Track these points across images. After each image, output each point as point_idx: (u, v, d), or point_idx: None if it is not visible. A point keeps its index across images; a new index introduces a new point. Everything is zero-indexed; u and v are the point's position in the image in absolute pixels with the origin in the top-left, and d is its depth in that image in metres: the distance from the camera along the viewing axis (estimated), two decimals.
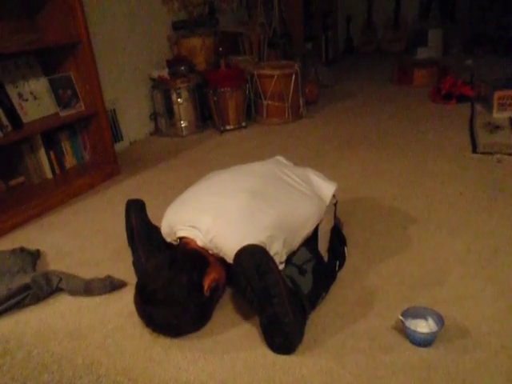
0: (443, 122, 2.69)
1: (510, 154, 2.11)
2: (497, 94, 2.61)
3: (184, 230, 1.25)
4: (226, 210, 1.23)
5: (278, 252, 1.18)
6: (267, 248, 1.14)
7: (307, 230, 1.29)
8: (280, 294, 1.05)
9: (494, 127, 2.46)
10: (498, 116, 2.61)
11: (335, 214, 1.47)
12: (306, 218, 1.28)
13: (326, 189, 1.41)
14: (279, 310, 1.05)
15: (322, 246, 1.30)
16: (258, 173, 1.38)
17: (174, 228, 1.28)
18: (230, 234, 1.19)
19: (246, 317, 1.22)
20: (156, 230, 1.42)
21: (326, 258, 1.30)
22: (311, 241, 1.28)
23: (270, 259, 1.08)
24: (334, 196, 1.42)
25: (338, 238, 1.41)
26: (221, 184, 1.35)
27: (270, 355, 1.09)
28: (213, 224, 1.20)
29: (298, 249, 1.24)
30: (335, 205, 1.46)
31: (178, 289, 1.11)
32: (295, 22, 3.92)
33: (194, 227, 1.23)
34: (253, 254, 1.08)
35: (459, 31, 4.65)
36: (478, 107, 2.82)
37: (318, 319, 1.19)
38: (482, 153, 2.16)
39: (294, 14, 3.91)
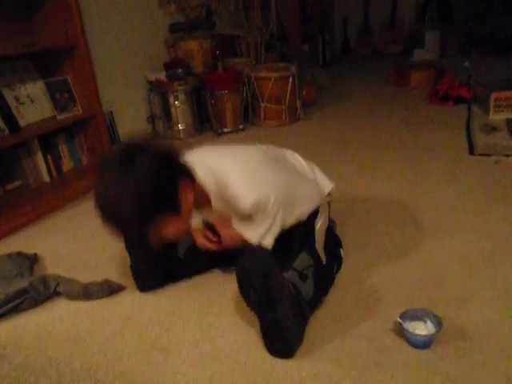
0: (440, 123, 2.69)
1: (507, 156, 2.12)
2: (493, 96, 2.61)
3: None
4: (239, 162, 1.22)
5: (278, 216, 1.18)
6: (272, 200, 1.14)
7: (304, 209, 1.26)
8: (283, 299, 1.05)
9: (491, 129, 2.46)
10: (495, 117, 2.61)
11: (329, 214, 1.46)
12: (305, 197, 1.28)
13: (326, 182, 1.41)
14: (281, 315, 1.05)
15: (319, 244, 1.30)
16: (266, 150, 1.39)
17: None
18: (241, 177, 1.16)
19: (245, 321, 1.22)
20: None
21: (323, 258, 1.29)
22: (310, 242, 1.27)
23: (276, 264, 1.08)
24: (329, 194, 1.41)
25: (332, 240, 1.41)
26: (231, 151, 1.34)
27: (269, 359, 1.09)
28: (225, 167, 1.19)
29: (299, 254, 1.23)
30: (329, 204, 1.46)
31: (147, 166, 1.02)
32: (292, 24, 3.93)
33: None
34: (259, 259, 1.08)
35: (456, 33, 4.67)
36: (475, 109, 2.82)
37: (317, 322, 1.18)
38: (480, 154, 2.17)
39: (290, 17, 3.92)
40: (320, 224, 1.33)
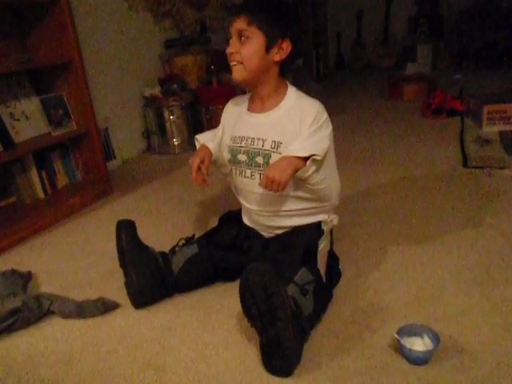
0: (434, 136, 2.71)
1: (500, 168, 2.13)
2: (486, 109, 2.64)
3: None
4: None
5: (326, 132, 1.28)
6: (326, 117, 1.29)
7: (322, 187, 1.30)
8: (285, 317, 1.03)
9: (484, 141, 2.49)
10: (488, 130, 2.64)
11: (332, 239, 1.46)
12: (332, 179, 1.36)
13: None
14: (282, 334, 1.03)
15: (321, 267, 1.29)
16: None
17: None
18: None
19: (241, 338, 1.21)
20: (147, 251, 1.41)
21: (323, 278, 1.29)
22: (312, 262, 1.27)
23: (280, 281, 1.06)
24: (331, 220, 1.41)
25: (331, 257, 1.40)
26: None
27: (266, 377, 1.07)
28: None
29: (299, 269, 1.22)
30: (332, 230, 1.46)
31: None
32: None
33: None
34: (262, 274, 1.06)
35: (447, 46, 4.73)
36: (468, 121, 2.85)
37: (314, 339, 1.17)
38: (473, 167, 2.18)
39: None
40: (323, 245, 1.33)
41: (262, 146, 1.30)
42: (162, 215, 2.03)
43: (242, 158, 1.34)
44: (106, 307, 1.37)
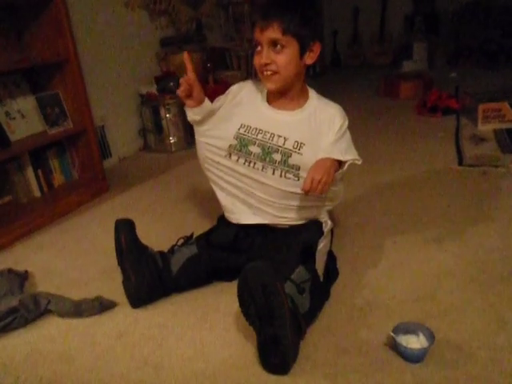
0: (429, 134, 2.72)
1: (495, 166, 2.14)
2: (481, 107, 2.65)
3: None
4: None
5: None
6: (347, 123, 1.35)
7: (337, 188, 1.37)
8: (283, 316, 1.04)
9: (480, 139, 2.50)
10: (483, 128, 2.65)
11: (331, 239, 1.47)
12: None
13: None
14: (280, 332, 1.04)
15: (320, 266, 1.30)
16: None
17: None
18: None
19: (238, 336, 1.22)
20: (146, 250, 1.41)
21: (321, 278, 1.29)
22: (309, 261, 1.27)
23: (278, 280, 1.06)
24: (331, 222, 1.43)
25: (328, 256, 1.41)
26: None
27: (263, 374, 1.08)
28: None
29: (296, 267, 1.23)
30: (332, 230, 1.47)
31: None
32: None
33: None
34: (261, 273, 1.06)
35: (443, 44, 4.74)
36: (464, 120, 2.86)
37: (310, 336, 1.18)
38: (468, 165, 2.19)
39: None
40: (322, 245, 1.33)
41: (283, 144, 1.30)
42: (158, 213, 2.03)
43: (255, 150, 1.33)
44: (103, 306, 1.37)
